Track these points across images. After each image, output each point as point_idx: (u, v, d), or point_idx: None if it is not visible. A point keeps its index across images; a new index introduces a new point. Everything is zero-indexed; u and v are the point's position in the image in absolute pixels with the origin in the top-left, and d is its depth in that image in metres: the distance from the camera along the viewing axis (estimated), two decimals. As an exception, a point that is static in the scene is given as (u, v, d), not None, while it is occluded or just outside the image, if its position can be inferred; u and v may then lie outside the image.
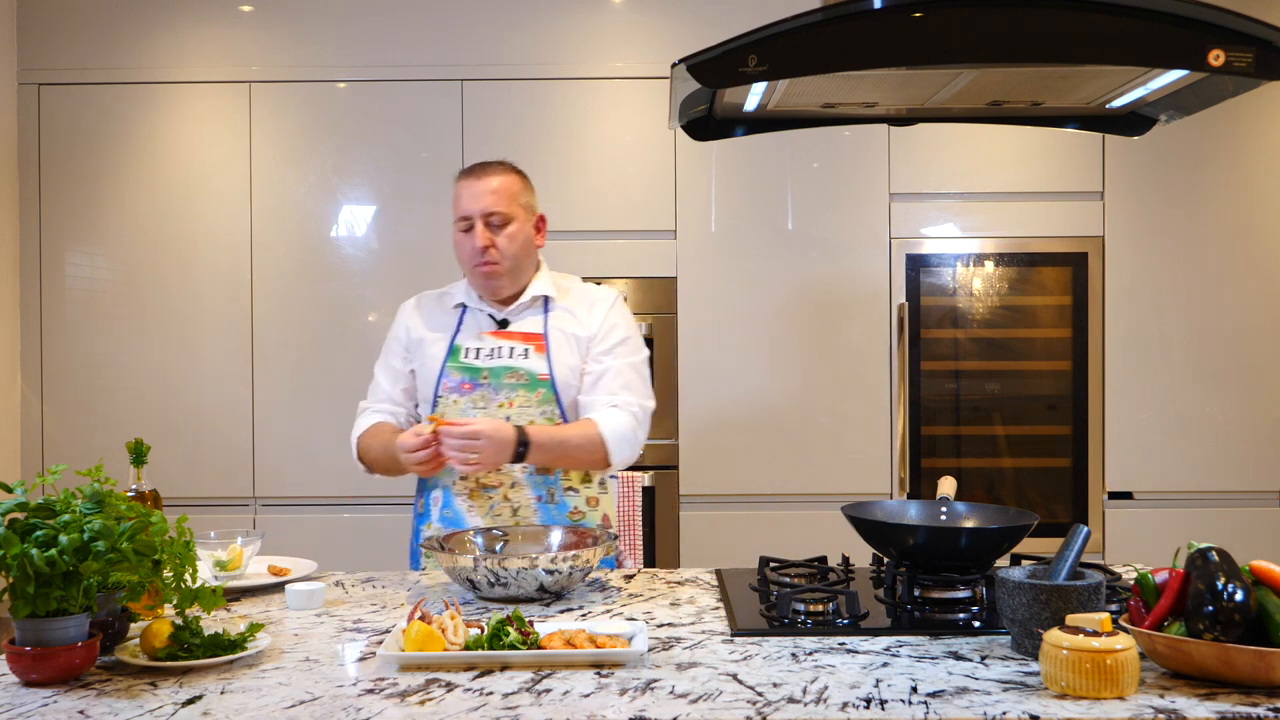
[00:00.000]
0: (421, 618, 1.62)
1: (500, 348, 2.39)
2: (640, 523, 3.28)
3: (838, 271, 3.80)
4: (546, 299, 2.44)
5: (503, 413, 2.33)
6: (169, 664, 1.55)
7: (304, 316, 3.84)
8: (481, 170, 2.41)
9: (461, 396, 2.36)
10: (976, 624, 1.79)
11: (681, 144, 3.80)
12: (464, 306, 2.46)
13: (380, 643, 1.69)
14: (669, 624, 1.81)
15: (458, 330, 2.44)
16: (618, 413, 2.34)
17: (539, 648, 1.58)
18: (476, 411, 2.34)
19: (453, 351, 2.41)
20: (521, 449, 2.23)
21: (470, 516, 2.34)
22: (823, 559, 2.20)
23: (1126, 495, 3.81)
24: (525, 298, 2.42)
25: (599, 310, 2.44)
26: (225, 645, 1.60)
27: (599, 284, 3.70)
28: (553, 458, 2.30)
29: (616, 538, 2.13)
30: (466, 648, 1.58)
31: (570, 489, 2.38)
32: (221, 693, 1.46)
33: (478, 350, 2.39)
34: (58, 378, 3.84)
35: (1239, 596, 1.43)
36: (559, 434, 2.30)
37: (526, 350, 2.38)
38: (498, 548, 2.16)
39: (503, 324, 2.42)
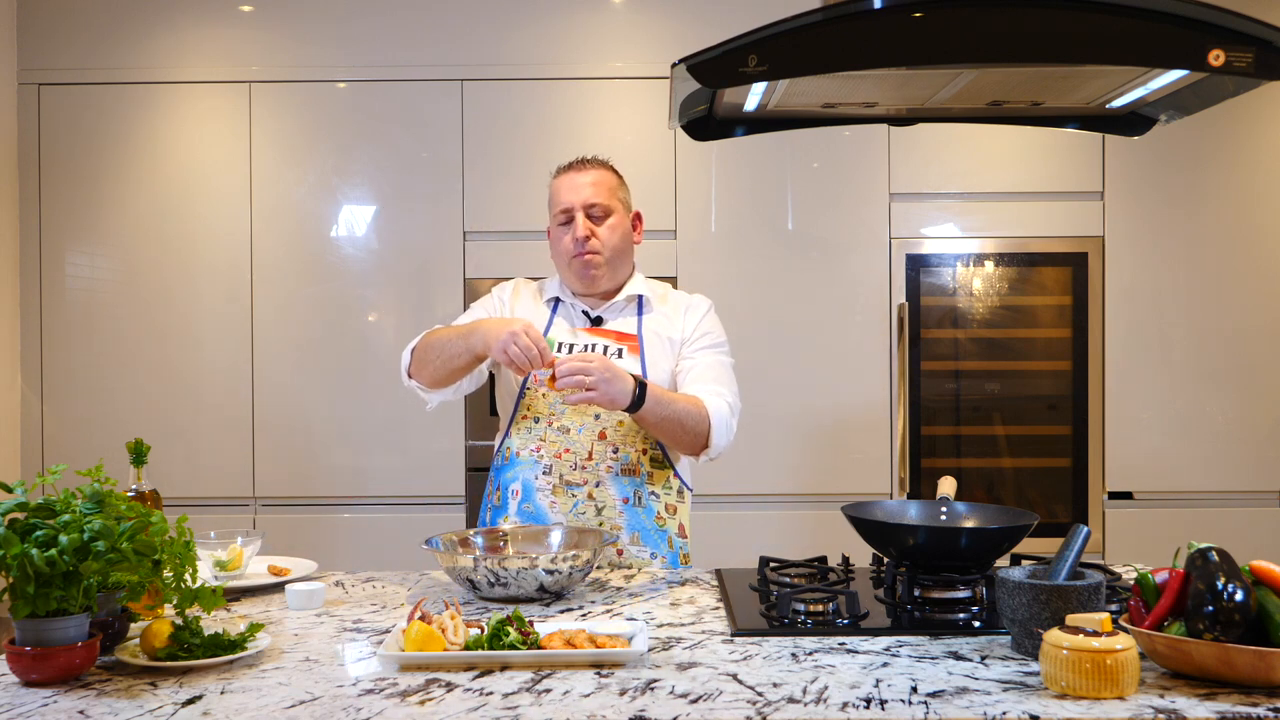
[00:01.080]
0: (421, 618, 1.62)
1: (594, 345, 2.35)
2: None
3: (838, 271, 3.80)
4: (641, 299, 2.41)
5: (592, 410, 2.28)
6: (169, 664, 1.54)
7: (304, 316, 3.84)
8: (580, 165, 2.41)
9: (551, 390, 2.33)
10: (976, 624, 1.78)
11: (681, 144, 3.80)
12: (557, 300, 2.43)
13: (380, 643, 1.69)
14: (669, 624, 1.81)
15: (550, 323, 2.40)
16: (720, 401, 2.31)
17: (539, 648, 1.58)
18: (565, 408, 2.29)
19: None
20: (639, 391, 2.14)
21: (552, 514, 2.27)
22: (823, 559, 2.20)
23: (1126, 495, 3.81)
24: (620, 297, 2.40)
25: (694, 315, 2.42)
26: (225, 645, 1.60)
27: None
28: (662, 417, 2.20)
29: (616, 538, 2.13)
30: (466, 648, 1.58)
31: (653, 493, 2.32)
32: (221, 693, 1.46)
33: (570, 345, 2.35)
34: (58, 378, 3.84)
35: (1239, 596, 1.43)
36: (670, 394, 2.25)
37: (620, 350, 2.34)
38: (498, 547, 2.16)
39: (597, 321, 2.39)
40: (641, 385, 2.15)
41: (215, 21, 3.85)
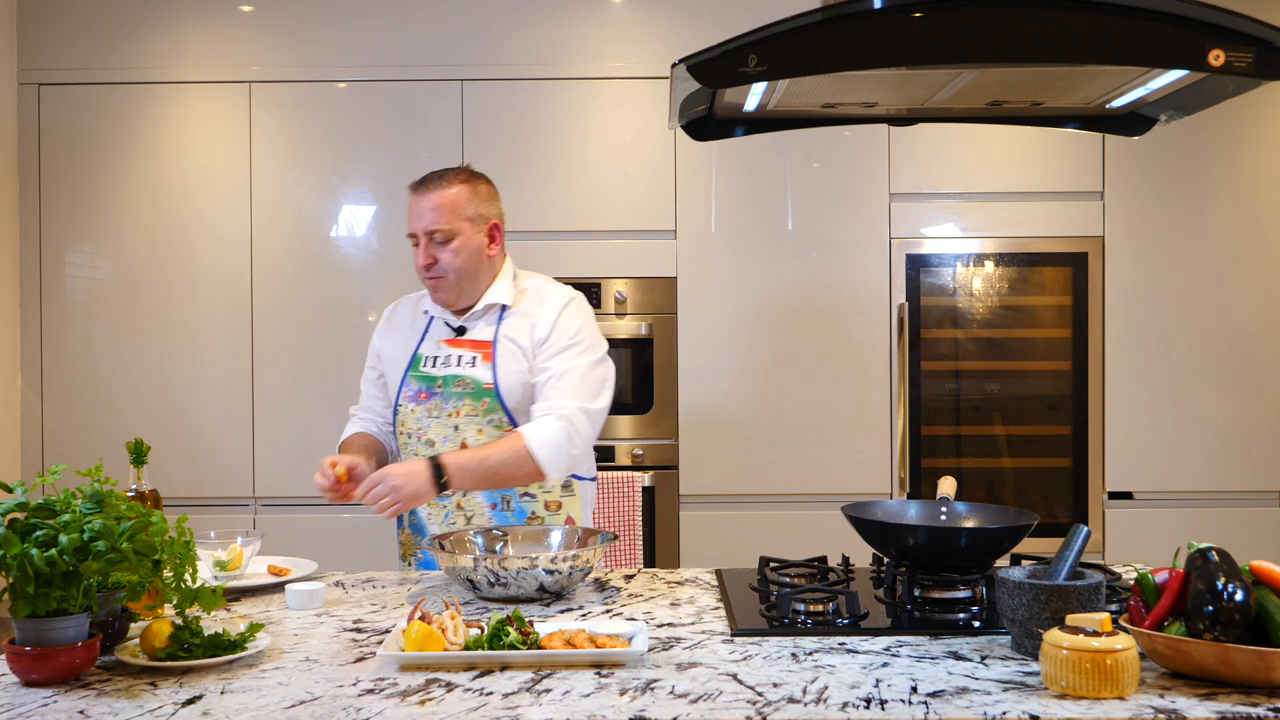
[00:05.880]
0: (421, 618, 1.62)
1: (453, 356, 2.38)
2: (640, 523, 3.28)
3: (838, 271, 3.80)
4: (503, 308, 2.41)
5: (451, 421, 2.33)
6: (169, 664, 1.55)
7: (304, 316, 3.84)
8: (425, 186, 2.37)
9: (418, 405, 2.37)
10: (976, 624, 1.79)
11: (681, 144, 3.79)
12: (430, 315, 2.46)
13: (380, 643, 1.69)
14: (669, 624, 1.81)
15: (423, 338, 2.44)
16: (549, 421, 2.26)
17: (539, 648, 1.58)
18: (431, 420, 2.35)
19: (414, 360, 2.42)
20: (441, 479, 2.16)
21: (430, 525, 2.37)
22: (823, 559, 2.20)
23: (1126, 495, 3.81)
24: (479, 306, 2.40)
25: (548, 313, 2.37)
26: (225, 645, 1.60)
27: (597, 285, 3.73)
28: (479, 480, 2.23)
29: (615, 538, 2.13)
30: (466, 648, 1.58)
31: (526, 494, 2.35)
32: (221, 693, 1.46)
33: (434, 359, 2.40)
34: (58, 378, 3.84)
35: (1239, 596, 1.43)
36: (482, 455, 2.23)
37: (475, 358, 2.36)
38: (498, 548, 2.16)
39: (460, 331, 2.41)
40: (440, 474, 2.16)
41: (215, 21, 3.85)
